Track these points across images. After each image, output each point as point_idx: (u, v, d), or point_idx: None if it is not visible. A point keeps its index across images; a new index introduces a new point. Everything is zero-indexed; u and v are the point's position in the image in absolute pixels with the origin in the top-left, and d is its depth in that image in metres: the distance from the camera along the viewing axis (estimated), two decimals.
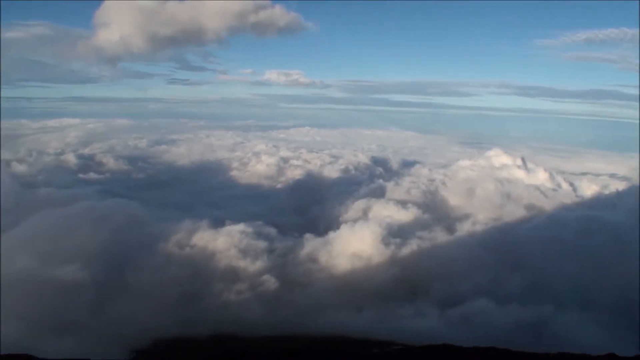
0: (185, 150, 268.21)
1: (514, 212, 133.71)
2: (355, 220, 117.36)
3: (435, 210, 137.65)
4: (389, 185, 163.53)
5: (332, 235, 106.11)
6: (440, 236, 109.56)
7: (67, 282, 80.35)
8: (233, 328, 76.18)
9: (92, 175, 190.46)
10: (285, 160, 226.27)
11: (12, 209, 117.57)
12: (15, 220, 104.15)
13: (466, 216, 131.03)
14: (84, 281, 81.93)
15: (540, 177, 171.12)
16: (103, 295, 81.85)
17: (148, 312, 78.61)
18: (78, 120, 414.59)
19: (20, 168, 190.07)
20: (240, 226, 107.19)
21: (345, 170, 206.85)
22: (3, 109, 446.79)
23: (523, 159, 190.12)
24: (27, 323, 68.12)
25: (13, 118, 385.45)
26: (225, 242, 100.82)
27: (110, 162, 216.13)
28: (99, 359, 45.65)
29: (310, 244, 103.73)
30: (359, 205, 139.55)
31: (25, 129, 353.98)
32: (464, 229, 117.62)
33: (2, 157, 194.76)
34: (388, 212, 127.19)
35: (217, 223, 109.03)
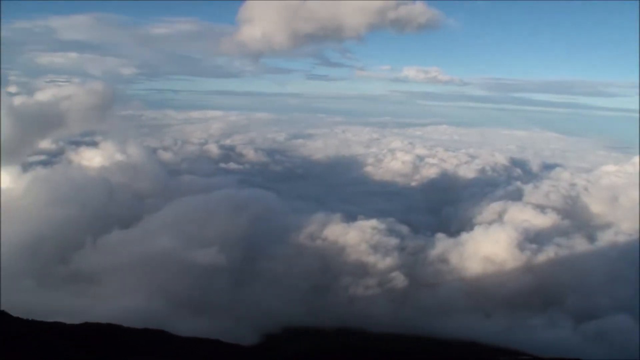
0: (322, 145, 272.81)
1: None
2: (489, 223, 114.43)
3: (575, 217, 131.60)
4: (527, 188, 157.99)
5: (464, 236, 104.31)
6: (579, 245, 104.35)
7: (205, 264, 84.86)
8: (359, 322, 76.89)
9: (232, 165, 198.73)
10: (420, 158, 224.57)
11: (157, 194, 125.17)
12: (160, 204, 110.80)
13: (608, 225, 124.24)
14: (221, 265, 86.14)
15: None
16: (238, 280, 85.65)
17: (279, 299, 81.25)
18: (221, 113, 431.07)
19: (165, 156, 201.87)
20: (373, 222, 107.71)
21: (482, 171, 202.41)
22: (152, 100, 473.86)
23: None
24: (166, 300, 72.43)
25: (160, 109, 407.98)
26: (356, 237, 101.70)
27: (249, 154, 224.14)
28: (231, 340, 47.42)
29: (442, 244, 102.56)
30: (494, 207, 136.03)
31: (171, 119, 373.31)
32: (605, 238, 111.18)
33: (149, 145, 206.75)
34: (525, 216, 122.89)
35: (350, 218, 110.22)
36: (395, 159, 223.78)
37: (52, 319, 38.02)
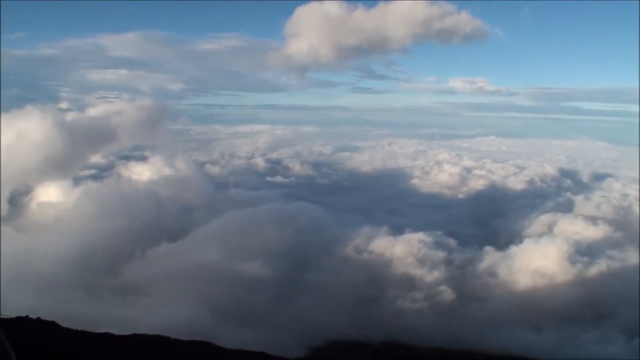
0: (368, 158, 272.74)
1: None
2: (539, 235, 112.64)
3: (627, 229, 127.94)
4: (578, 200, 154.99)
5: (513, 249, 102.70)
6: (631, 257, 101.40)
7: (251, 276, 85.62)
8: (406, 336, 76.27)
9: (278, 179, 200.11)
10: (468, 169, 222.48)
11: (205, 207, 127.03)
12: (207, 217, 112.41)
13: None
14: (267, 277, 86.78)
15: None
16: (283, 292, 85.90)
17: (325, 312, 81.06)
18: (267, 127, 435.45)
19: (213, 170, 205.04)
20: (420, 235, 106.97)
21: (531, 182, 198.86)
22: (200, 115, 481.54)
23: None
24: (213, 312, 73.10)
25: (208, 124, 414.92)
26: (403, 250, 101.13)
27: (296, 167, 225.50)
28: (277, 353, 47.48)
29: (490, 257, 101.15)
30: (544, 219, 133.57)
31: (219, 133, 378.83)
32: None
33: (197, 159, 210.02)
34: (576, 228, 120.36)
35: (396, 230, 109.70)
36: (442, 171, 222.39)
37: (101, 329, 38.66)
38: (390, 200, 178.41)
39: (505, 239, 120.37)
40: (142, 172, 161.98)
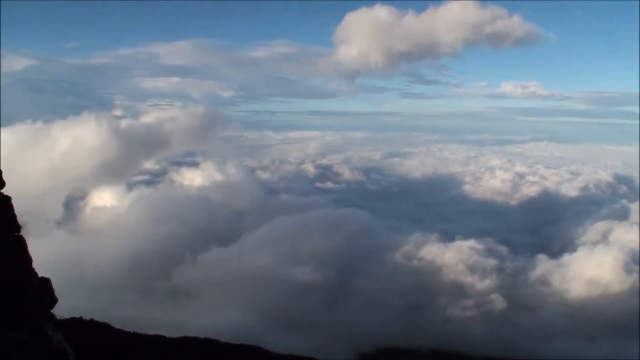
0: (418, 163, 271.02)
1: None
2: (593, 243, 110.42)
3: None
4: (634, 207, 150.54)
5: (567, 257, 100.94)
6: None
7: (300, 282, 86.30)
8: (455, 344, 75.42)
9: (328, 185, 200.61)
10: (520, 176, 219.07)
11: (255, 213, 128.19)
12: (258, 223, 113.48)
13: None
14: (316, 283, 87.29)
15: None
16: (332, 298, 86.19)
17: (374, 318, 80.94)
18: (317, 133, 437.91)
19: (263, 175, 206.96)
20: (471, 242, 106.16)
21: (585, 189, 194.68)
22: (250, 122, 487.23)
23: None
24: (262, 316, 73.79)
25: (258, 130, 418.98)
26: (453, 257, 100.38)
27: (345, 173, 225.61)
28: (326, 358, 47.68)
29: (543, 265, 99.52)
30: (598, 227, 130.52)
31: (269, 140, 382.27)
32: None
33: (248, 165, 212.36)
34: (631, 237, 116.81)
35: (447, 237, 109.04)
36: (494, 177, 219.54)
37: (153, 331, 39.35)
38: (441, 206, 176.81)
39: (558, 247, 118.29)
40: (193, 178, 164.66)
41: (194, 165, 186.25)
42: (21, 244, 7.13)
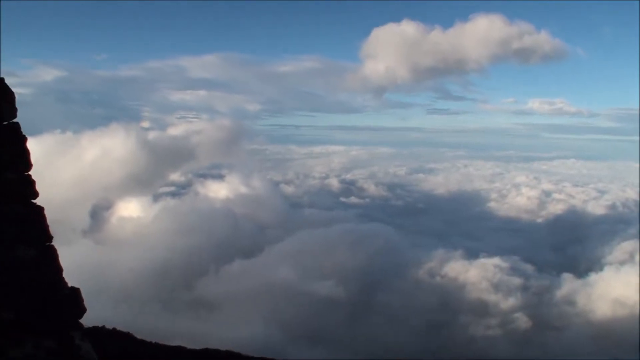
0: (443, 179, 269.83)
1: None
2: (620, 263, 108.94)
3: None
4: None
5: (593, 277, 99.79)
6: None
7: (322, 296, 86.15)
8: None
9: (352, 200, 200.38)
10: (546, 193, 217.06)
11: (279, 226, 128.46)
12: (281, 236, 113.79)
13: None
14: (339, 297, 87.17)
15: None
16: (355, 313, 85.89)
17: (396, 334, 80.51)
18: (342, 148, 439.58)
19: (288, 189, 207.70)
20: (495, 260, 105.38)
21: (612, 207, 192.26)
22: (276, 135, 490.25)
23: None
24: (284, 330, 73.71)
25: (284, 144, 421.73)
26: (477, 275, 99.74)
27: (370, 188, 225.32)
28: None
29: (569, 284, 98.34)
30: (625, 246, 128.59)
31: (294, 154, 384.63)
32: None
33: (272, 179, 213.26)
34: None
35: (471, 254, 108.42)
36: (520, 194, 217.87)
37: (174, 342, 39.51)
38: (466, 223, 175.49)
39: (584, 266, 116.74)
40: (218, 190, 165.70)
41: (219, 177, 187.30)
42: (53, 254, 7.35)
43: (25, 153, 7.34)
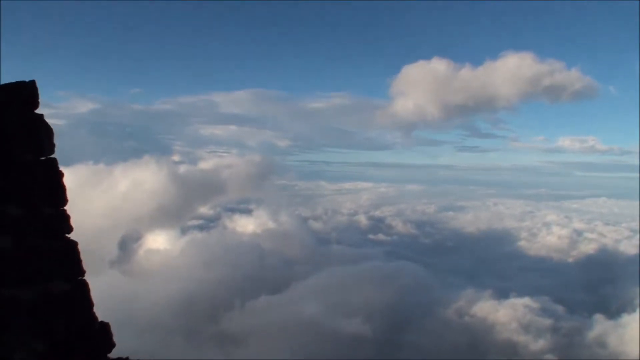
0: (473, 218, 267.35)
1: None
2: None
3: None
4: None
5: (625, 318, 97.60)
6: None
7: (349, 333, 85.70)
8: None
9: (380, 237, 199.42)
10: (578, 232, 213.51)
11: (306, 262, 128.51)
12: (308, 272, 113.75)
13: None
14: (365, 335, 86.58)
15: None
16: (382, 351, 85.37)
17: None
18: (371, 184, 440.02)
19: (316, 225, 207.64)
20: (525, 300, 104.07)
21: None
22: (305, 171, 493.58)
23: None
24: None
25: (313, 180, 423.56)
26: (507, 315, 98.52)
27: (398, 225, 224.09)
28: None
29: (600, 326, 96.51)
30: None
31: (323, 189, 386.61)
32: None
33: (301, 214, 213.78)
34: None
35: (501, 294, 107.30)
36: (551, 233, 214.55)
37: None
38: (495, 262, 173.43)
39: (616, 307, 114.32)
40: (246, 225, 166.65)
41: (248, 212, 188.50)
42: (85, 289, 7.50)
43: (62, 189, 7.55)
